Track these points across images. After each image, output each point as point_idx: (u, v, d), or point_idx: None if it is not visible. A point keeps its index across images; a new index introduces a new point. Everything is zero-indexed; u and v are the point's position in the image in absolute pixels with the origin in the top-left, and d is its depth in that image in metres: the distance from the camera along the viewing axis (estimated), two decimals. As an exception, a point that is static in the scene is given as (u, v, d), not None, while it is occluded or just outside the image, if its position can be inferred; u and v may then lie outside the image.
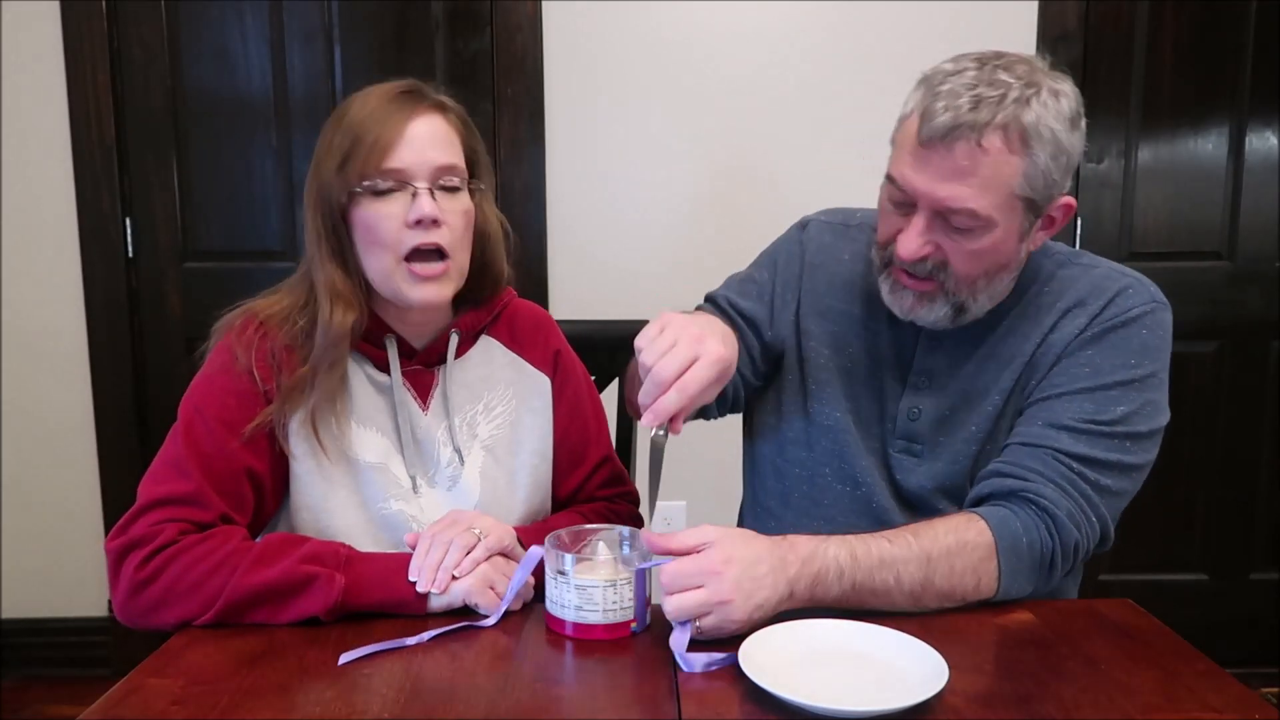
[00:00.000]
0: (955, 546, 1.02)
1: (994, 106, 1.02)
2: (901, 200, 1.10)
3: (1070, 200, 1.11)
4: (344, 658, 0.91)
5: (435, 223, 1.09)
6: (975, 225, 1.06)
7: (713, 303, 1.34)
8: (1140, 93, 2.38)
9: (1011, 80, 1.03)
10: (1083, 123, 1.08)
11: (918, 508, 1.18)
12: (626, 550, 1.02)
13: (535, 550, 1.02)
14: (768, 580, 0.95)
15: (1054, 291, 1.16)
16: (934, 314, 1.13)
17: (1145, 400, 1.09)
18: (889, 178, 1.11)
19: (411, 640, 0.95)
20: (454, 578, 1.01)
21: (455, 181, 1.12)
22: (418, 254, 1.10)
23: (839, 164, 2.31)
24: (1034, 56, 1.08)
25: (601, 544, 1.01)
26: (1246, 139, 2.39)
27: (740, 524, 1.36)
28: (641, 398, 0.98)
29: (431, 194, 1.09)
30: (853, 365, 1.23)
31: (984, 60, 1.06)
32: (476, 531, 1.04)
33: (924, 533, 1.02)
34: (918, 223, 1.08)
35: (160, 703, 0.84)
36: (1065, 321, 1.13)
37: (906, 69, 1.16)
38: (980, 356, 1.17)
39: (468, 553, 1.02)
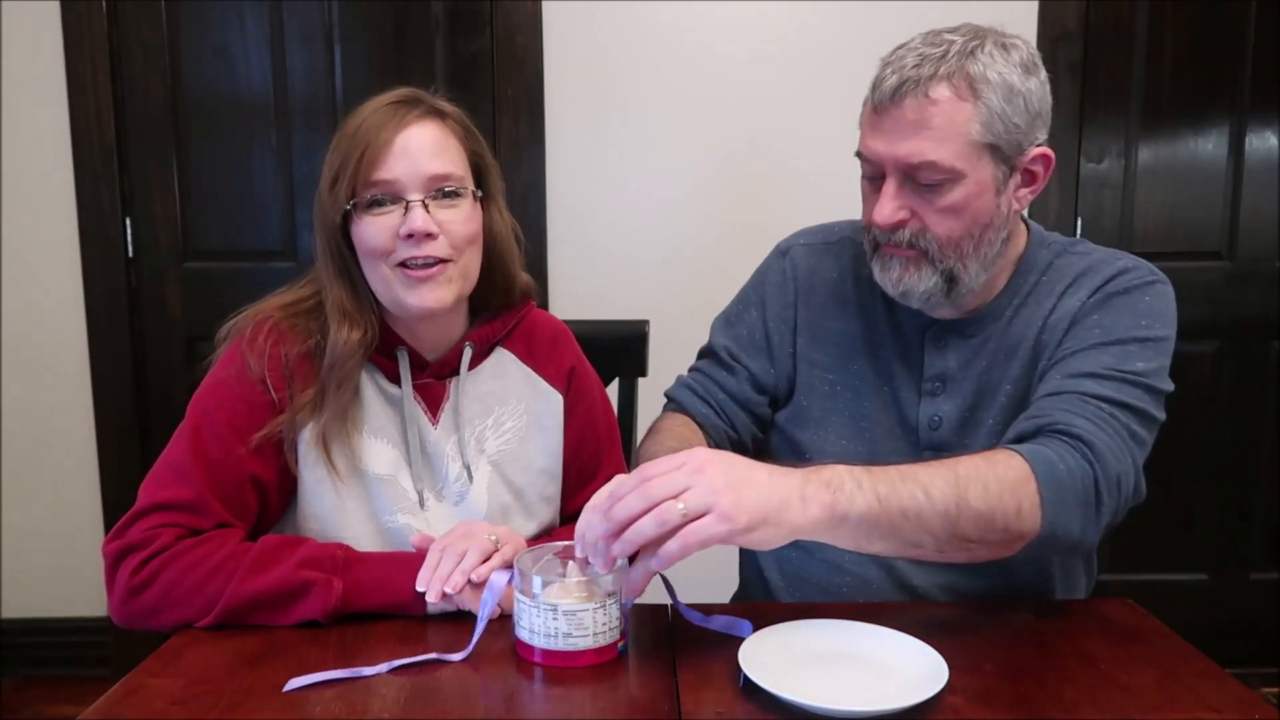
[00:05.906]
0: (984, 465, 0.95)
1: (937, 62, 1.05)
2: (872, 174, 1.12)
3: (1047, 151, 1.11)
4: (291, 684, 0.86)
5: (429, 235, 1.06)
6: (942, 178, 1.07)
7: (714, 357, 1.30)
8: (1140, 93, 2.38)
9: (955, 38, 1.06)
10: (1042, 72, 1.09)
11: None
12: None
13: (499, 578, 0.98)
14: (762, 477, 0.86)
15: (1051, 279, 1.17)
16: (924, 284, 1.11)
17: (1160, 363, 1.09)
18: (857, 155, 1.13)
19: (369, 671, 0.89)
20: (470, 583, 0.99)
21: (452, 188, 1.09)
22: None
23: (838, 163, 2.29)
24: (988, 26, 1.10)
25: (570, 563, 0.94)
26: (1246, 139, 2.39)
27: (754, 557, 1.31)
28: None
29: (425, 206, 1.06)
30: (861, 383, 1.22)
31: (932, 31, 1.09)
32: (493, 538, 1.03)
33: (947, 459, 0.97)
34: (888, 188, 1.09)
35: (160, 703, 0.84)
36: (1065, 300, 1.14)
37: (906, 69, 1.18)
38: (989, 352, 1.17)
39: (485, 559, 1.00)
